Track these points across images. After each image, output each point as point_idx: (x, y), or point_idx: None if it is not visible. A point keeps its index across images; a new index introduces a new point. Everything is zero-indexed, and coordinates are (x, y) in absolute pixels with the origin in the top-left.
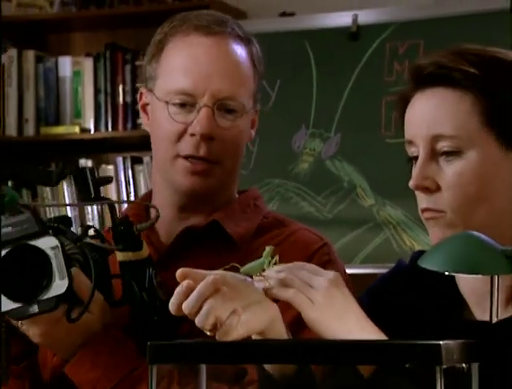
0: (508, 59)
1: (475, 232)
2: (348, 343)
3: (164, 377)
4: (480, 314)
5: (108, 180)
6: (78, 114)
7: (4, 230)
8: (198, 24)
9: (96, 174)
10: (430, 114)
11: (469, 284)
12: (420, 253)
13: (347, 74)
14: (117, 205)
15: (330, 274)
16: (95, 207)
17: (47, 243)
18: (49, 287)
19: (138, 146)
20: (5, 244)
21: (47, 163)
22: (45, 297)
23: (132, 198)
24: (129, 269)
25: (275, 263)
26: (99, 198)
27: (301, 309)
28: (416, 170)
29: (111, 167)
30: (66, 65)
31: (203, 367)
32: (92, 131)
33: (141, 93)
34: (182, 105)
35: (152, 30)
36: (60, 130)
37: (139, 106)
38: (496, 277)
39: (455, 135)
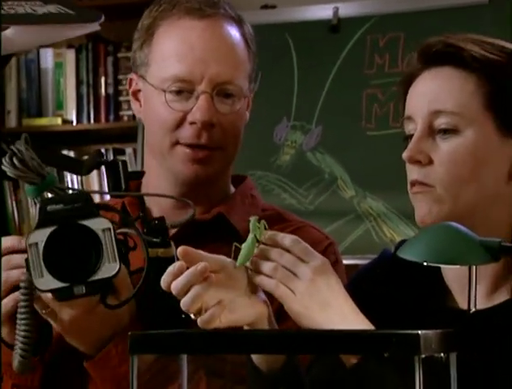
0: None
1: (454, 223)
2: (327, 333)
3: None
4: (463, 302)
5: (139, 174)
6: (60, 106)
7: (54, 207)
8: (189, 7)
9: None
10: (433, 91)
11: (452, 273)
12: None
13: (328, 67)
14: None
15: (318, 260)
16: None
17: (98, 224)
18: (98, 269)
19: (120, 138)
20: (54, 221)
21: None
22: (94, 278)
23: None
24: (157, 265)
25: (265, 228)
26: (128, 191)
27: (283, 301)
28: (411, 143)
29: None
30: (47, 56)
31: (185, 357)
32: (74, 123)
33: (130, 80)
34: (179, 92)
35: (135, 22)
36: (42, 121)
37: (130, 93)
38: (474, 267)
39: (456, 112)
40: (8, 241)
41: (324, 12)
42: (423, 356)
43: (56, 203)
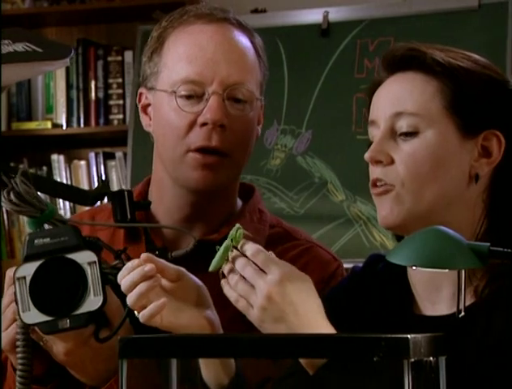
0: (478, 58)
1: (443, 227)
2: (315, 336)
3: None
4: (430, 307)
5: (146, 205)
6: (50, 110)
7: (42, 241)
8: (199, 13)
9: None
10: (395, 94)
11: (417, 279)
12: (376, 256)
13: (318, 71)
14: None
15: (276, 273)
16: (67, 207)
17: (84, 257)
18: (82, 302)
19: (110, 141)
20: (41, 255)
21: (19, 159)
22: (78, 312)
23: None
24: None
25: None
26: (134, 222)
27: (244, 313)
28: (373, 144)
29: (83, 162)
30: None
31: (174, 362)
32: (64, 127)
33: (140, 94)
34: (189, 97)
35: (125, 25)
36: (32, 125)
37: (139, 108)
38: (463, 271)
39: (416, 113)
40: (13, 272)
41: (314, 16)
42: (412, 360)
43: (43, 237)
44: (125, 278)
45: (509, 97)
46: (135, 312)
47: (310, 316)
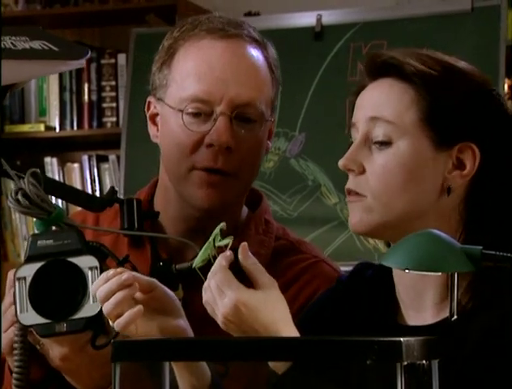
0: (460, 67)
1: (436, 231)
2: (307, 339)
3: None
4: (414, 316)
5: (154, 215)
6: (43, 112)
7: (45, 242)
8: (211, 27)
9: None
10: (374, 99)
11: (403, 286)
12: (363, 264)
13: (311, 74)
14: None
15: (231, 298)
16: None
17: (86, 262)
18: (81, 307)
19: (103, 144)
20: (43, 257)
21: (12, 161)
22: (75, 316)
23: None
24: None
25: (226, 246)
26: (141, 231)
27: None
28: (347, 152)
29: (76, 165)
30: None
31: (167, 365)
32: (58, 129)
33: (149, 103)
34: (197, 115)
35: (118, 28)
36: (25, 128)
37: (148, 117)
38: (456, 275)
39: (392, 122)
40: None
41: (307, 19)
42: (405, 363)
43: (46, 239)
44: (101, 287)
45: (487, 107)
46: (110, 321)
47: (271, 329)
